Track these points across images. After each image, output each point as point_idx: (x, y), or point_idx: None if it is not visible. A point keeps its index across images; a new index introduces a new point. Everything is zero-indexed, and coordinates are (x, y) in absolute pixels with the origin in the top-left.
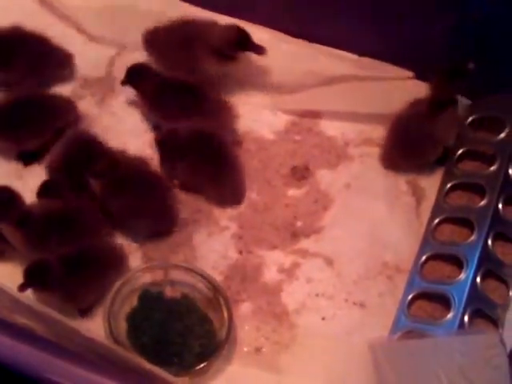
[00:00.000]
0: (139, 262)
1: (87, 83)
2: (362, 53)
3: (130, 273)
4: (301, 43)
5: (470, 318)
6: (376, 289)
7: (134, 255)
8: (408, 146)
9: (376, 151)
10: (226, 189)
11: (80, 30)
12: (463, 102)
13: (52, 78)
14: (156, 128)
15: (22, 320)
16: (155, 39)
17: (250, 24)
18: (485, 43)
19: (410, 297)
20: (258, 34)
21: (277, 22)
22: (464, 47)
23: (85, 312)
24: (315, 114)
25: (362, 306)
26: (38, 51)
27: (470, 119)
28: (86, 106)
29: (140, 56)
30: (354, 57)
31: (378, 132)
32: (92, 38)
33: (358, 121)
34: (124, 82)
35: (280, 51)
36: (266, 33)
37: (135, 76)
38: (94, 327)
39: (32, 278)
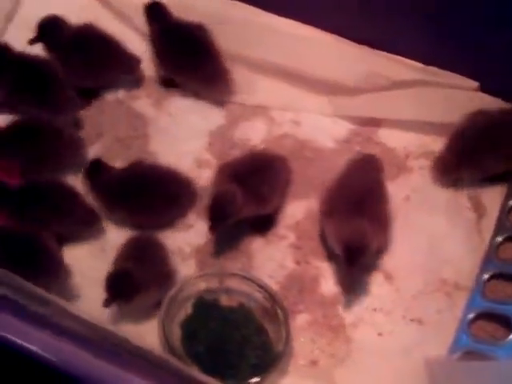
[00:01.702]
0: (194, 268)
1: (143, 83)
2: (427, 62)
3: (185, 280)
4: (364, 49)
5: None
6: (434, 305)
7: (189, 261)
8: (470, 157)
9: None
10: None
11: (134, 26)
12: None
13: (115, 81)
14: None
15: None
16: None
17: (313, 27)
18: None
19: (470, 316)
20: (320, 37)
21: (340, 28)
22: None
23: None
24: (376, 122)
25: (419, 322)
26: (102, 54)
27: None
28: (141, 106)
29: None
30: (419, 65)
31: (439, 144)
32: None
33: (418, 131)
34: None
35: (342, 56)
36: (328, 37)
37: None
38: (149, 333)
39: (117, 292)
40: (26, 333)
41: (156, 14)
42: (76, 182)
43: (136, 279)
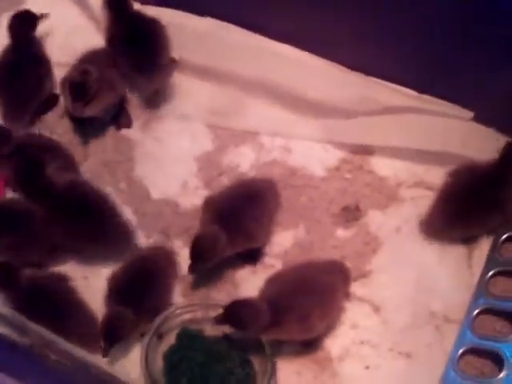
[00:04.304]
0: (180, 297)
1: (130, 105)
2: (422, 91)
3: (170, 310)
4: (358, 75)
5: None
6: (423, 339)
7: (175, 290)
8: (458, 221)
9: (429, 194)
10: None
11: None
12: None
13: None
14: None
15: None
16: None
17: (306, 52)
18: None
19: (459, 351)
20: (313, 62)
21: (333, 54)
22: None
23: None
24: (367, 150)
25: (407, 356)
26: None
27: None
28: (127, 129)
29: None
30: (414, 93)
31: (432, 174)
32: None
33: (411, 160)
34: None
35: (335, 80)
36: (322, 62)
37: None
38: (131, 364)
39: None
40: None
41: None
42: None
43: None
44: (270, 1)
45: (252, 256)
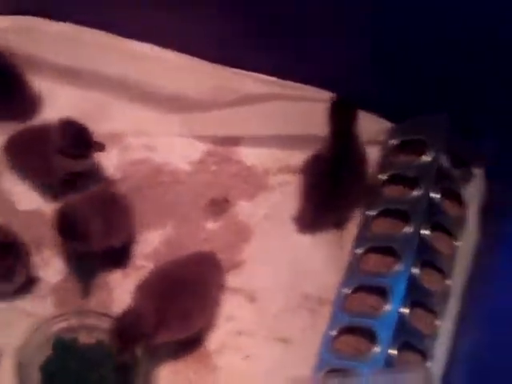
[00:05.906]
0: (52, 307)
1: None
2: (281, 76)
3: (43, 320)
4: (214, 66)
5: (398, 352)
6: (298, 323)
7: (46, 299)
8: (327, 210)
9: (295, 180)
10: None
11: None
12: (385, 124)
13: None
14: None
15: None
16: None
17: (164, 49)
18: (403, 67)
19: (333, 332)
20: (169, 57)
21: (191, 48)
22: (382, 71)
23: None
24: (232, 141)
25: (284, 341)
26: None
27: (392, 142)
28: None
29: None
30: (271, 78)
31: (298, 159)
32: None
33: (276, 146)
34: None
35: (192, 73)
36: (177, 56)
37: None
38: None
39: None
40: None
41: None
42: None
43: None
44: (127, 2)
45: (120, 258)
